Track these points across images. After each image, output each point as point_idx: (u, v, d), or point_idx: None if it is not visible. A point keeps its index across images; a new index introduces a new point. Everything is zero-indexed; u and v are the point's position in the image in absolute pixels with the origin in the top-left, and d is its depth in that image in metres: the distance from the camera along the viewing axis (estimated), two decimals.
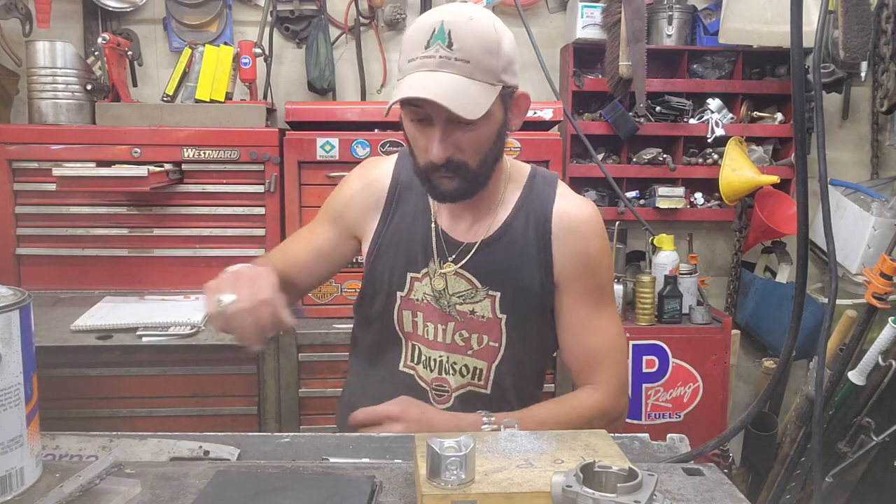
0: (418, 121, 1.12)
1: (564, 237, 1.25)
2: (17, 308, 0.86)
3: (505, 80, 1.12)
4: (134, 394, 2.03)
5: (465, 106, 1.05)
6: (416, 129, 1.14)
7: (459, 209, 1.26)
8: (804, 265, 0.92)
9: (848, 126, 2.88)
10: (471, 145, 1.13)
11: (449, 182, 1.15)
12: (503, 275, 1.24)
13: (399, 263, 1.27)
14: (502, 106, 1.14)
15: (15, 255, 2.25)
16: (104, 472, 0.90)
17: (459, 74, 1.06)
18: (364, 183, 1.32)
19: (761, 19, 2.44)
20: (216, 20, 2.65)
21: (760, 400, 1.03)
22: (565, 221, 1.25)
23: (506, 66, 1.11)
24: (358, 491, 0.86)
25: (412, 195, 1.29)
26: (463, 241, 1.25)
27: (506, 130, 1.19)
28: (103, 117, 2.28)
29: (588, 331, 1.25)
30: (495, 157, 1.19)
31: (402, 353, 1.30)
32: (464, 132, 1.11)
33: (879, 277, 1.83)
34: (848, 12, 2.13)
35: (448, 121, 1.09)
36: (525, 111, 1.22)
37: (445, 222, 1.27)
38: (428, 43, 1.07)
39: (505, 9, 2.70)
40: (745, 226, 2.74)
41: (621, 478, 0.76)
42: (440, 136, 1.09)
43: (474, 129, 1.11)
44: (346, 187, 1.35)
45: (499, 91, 1.10)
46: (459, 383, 1.28)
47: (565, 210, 1.27)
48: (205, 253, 2.29)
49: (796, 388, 2.59)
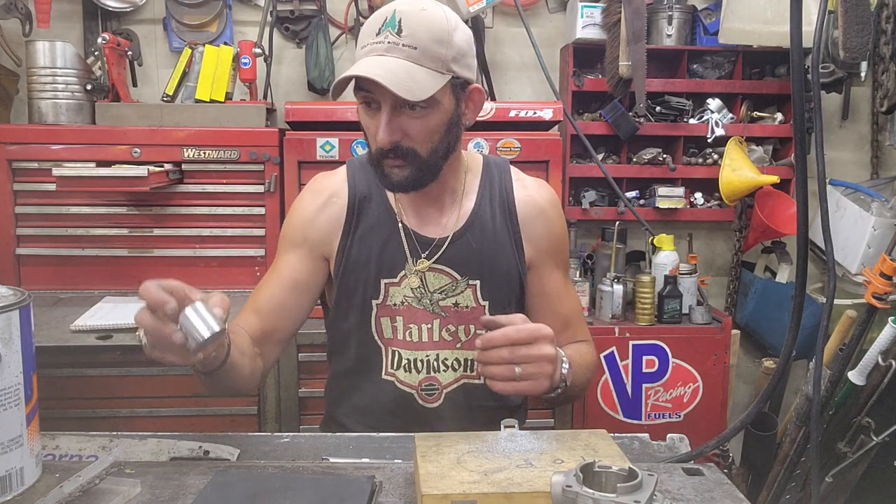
0: (367, 105, 1.13)
1: (532, 220, 1.30)
2: (17, 308, 0.86)
3: (455, 70, 1.12)
4: (134, 394, 2.03)
5: (407, 87, 1.06)
6: (367, 115, 1.15)
7: (424, 206, 1.27)
8: (804, 265, 0.92)
9: (848, 126, 2.88)
10: (419, 132, 1.13)
11: (399, 171, 1.15)
12: (480, 262, 1.27)
13: (371, 274, 1.26)
14: (453, 97, 1.15)
15: (15, 255, 2.25)
16: (104, 472, 0.90)
17: (406, 59, 1.08)
18: (322, 200, 1.29)
19: (761, 19, 2.44)
20: (216, 20, 2.65)
21: (760, 400, 1.03)
22: (530, 206, 1.31)
23: (456, 57, 1.12)
24: (358, 491, 0.86)
25: (372, 204, 1.28)
26: (434, 236, 1.26)
27: (459, 123, 1.19)
28: (103, 117, 2.28)
29: (561, 299, 1.34)
30: (447, 149, 1.19)
31: (383, 361, 1.28)
32: (411, 118, 1.12)
33: (879, 277, 1.83)
34: (848, 12, 2.13)
35: (395, 105, 1.10)
36: (480, 106, 1.23)
37: (413, 221, 1.27)
38: (379, 30, 1.10)
39: (505, 9, 2.71)
40: (745, 226, 2.74)
41: (621, 478, 0.76)
42: (386, 120, 1.10)
43: (422, 115, 1.12)
44: (301, 210, 1.31)
45: (448, 80, 1.11)
46: (452, 378, 1.28)
47: (528, 195, 1.32)
48: (205, 253, 2.29)
49: (796, 388, 2.59)
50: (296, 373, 2.14)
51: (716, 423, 2.40)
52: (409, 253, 1.26)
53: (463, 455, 0.90)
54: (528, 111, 2.35)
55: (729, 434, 1.07)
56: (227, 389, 1.14)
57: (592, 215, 2.67)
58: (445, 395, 1.28)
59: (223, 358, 1.03)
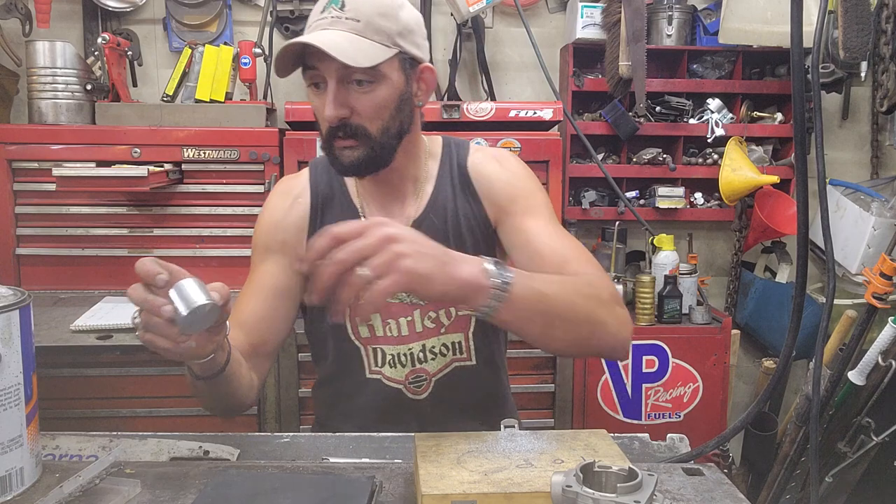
0: (316, 87, 1.12)
1: (485, 179, 1.26)
2: (17, 308, 0.86)
3: (402, 45, 1.11)
4: (134, 394, 2.03)
5: (349, 54, 1.04)
6: (314, 96, 1.13)
7: (386, 198, 1.25)
8: (804, 265, 0.92)
9: (848, 126, 2.88)
10: (367, 108, 1.11)
11: (350, 152, 1.12)
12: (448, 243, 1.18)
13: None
14: (403, 74, 1.13)
15: (15, 255, 2.25)
16: (104, 472, 0.90)
17: (348, 31, 1.07)
18: (289, 202, 1.28)
19: (761, 19, 2.44)
20: (216, 20, 2.65)
21: (760, 400, 1.03)
22: (482, 166, 1.27)
23: (402, 32, 1.11)
24: (358, 491, 0.86)
25: (335, 203, 1.26)
26: None
27: (411, 102, 1.17)
28: (103, 117, 2.28)
29: (543, 241, 1.18)
30: (400, 128, 1.16)
31: (364, 361, 1.26)
32: (358, 93, 1.10)
33: (879, 277, 1.83)
34: (848, 12, 2.13)
35: (340, 80, 1.08)
36: (432, 86, 1.20)
37: (376, 215, 1.24)
38: (324, 8, 1.10)
39: (505, 9, 2.71)
40: (744, 226, 2.74)
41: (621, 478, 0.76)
42: (332, 95, 1.08)
43: (369, 90, 1.10)
44: (270, 214, 1.28)
45: (394, 54, 1.10)
46: (442, 364, 1.26)
47: (479, 159, 1.28)
48: (205, 253, 2.29)
49: (796, 388, 2.59)
50: (296, 373, 2.14)
51: (716, 423, 2.40)
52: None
53: (463, 455, 0.90)
54: (528, 111, 2.35)
55: (729, 434, 1.07)
56: (224, 400, 1.11)
57: (592, 215, 2.67)
58: (434, 384, 1.26)
59: (224, 362, 1.01)
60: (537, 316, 0.96)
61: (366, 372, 1.27)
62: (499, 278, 0.90)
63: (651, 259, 2.48)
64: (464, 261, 0.90)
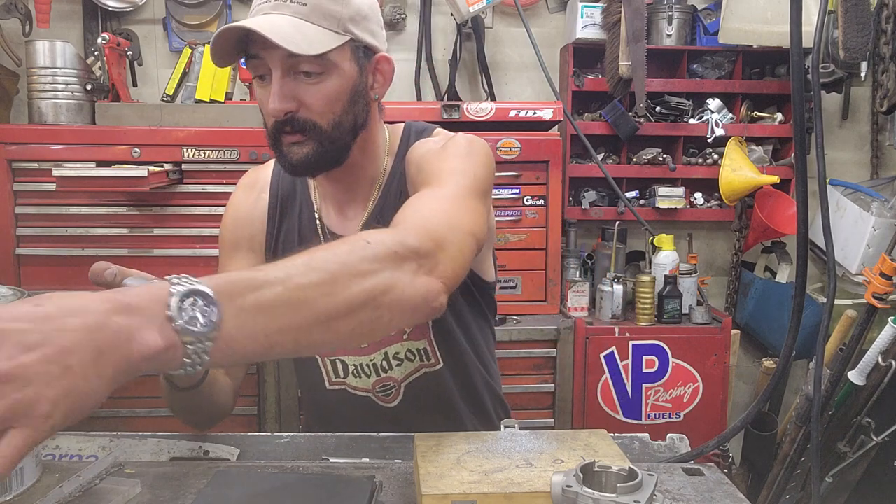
0: (262, 79, 1.03)
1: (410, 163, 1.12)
2: None
3: (354, 31, 1.02)
4: (134, 394, 2.03)
5: (293, 40, 0.95)
6: (259, 88, 1.04)
7: (343, 200, 1.16)
8: (804, 265, 0.92)
9: (848, 126, 2.88)
10: (315, 99, 1.01)
11: (299, 148, 1.03)
12: None
13: None
14: (356, 64, 1.04)
15: (15, 255, 2.25)
16: (104, 472, 0.90)
17: (293, 15, 0.98)
18: (253, 197, 1.22)
19: (761, 19, 2.44)
20: (216, 20, 2.66)
21: (760, 400, 1.03)
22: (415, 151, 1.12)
23: (355, 18, 1.02)
24: (358, 491, 0.86)
25: (295, 204, 1.19)
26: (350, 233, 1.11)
27: (366, 94, 1.07)
28: (103, 117, 2.28)
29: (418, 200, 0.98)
30: (354, 123, 1.06)
31: (322, 373, 1.20)
32: (306, 84, 1.00)
33: (879, 277, 1.83)
34: (848, 12, 2.13)
35: (286, 70, 0.99)
36: (389, 78, 1.10)
37: (332, 219, 1.17)
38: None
39: (505, 9, 2.71)
40: (744, 226, 2.74)
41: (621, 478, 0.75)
42: (277, 86, 0.99)
43: (317, 81, 1.01)
44: (235, 209, 1.22)
45: (345, 42, 1.01)
46: (410, 370, 1.18)
47: (419, 145, 1.13)
48: (205, 253, 2.29)
49: (796, 388, 2.59)
50: (296, 373, 2.14)
51: (716, 423, 2.40)
52: None
53: (463, 455, 0.90)
54: (527, 111, 2.35)
55: (729, 434, 1.07)
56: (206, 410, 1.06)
57: (592, 215, 2.67)
58: (404, 389, 1.19)
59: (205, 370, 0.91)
60: (278, 335, 0.67)
61: (326, 383, 1.21)
62: (191, 318, 0.60)
63: (651, 259, 2.48)
64: (134, 322, 0.58)
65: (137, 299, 0.58)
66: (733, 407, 2.70)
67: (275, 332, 0.66)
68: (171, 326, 0.59)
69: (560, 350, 2.31)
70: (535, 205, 2.36)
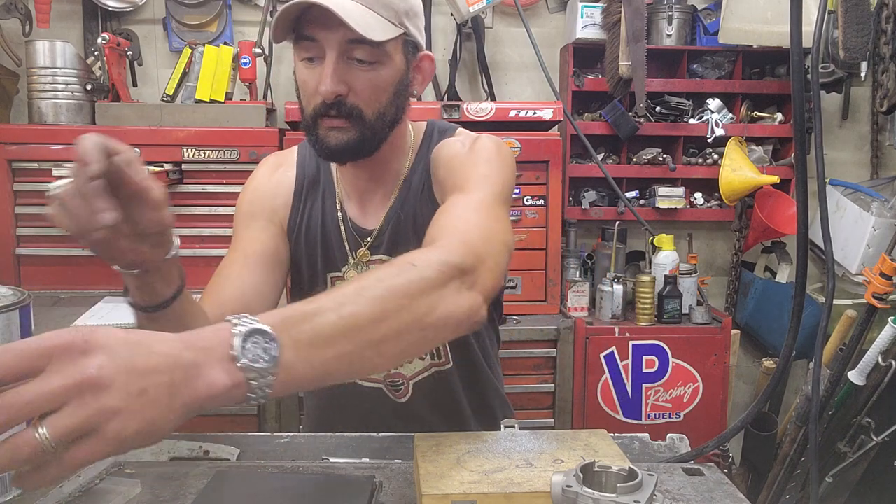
0: (309, 60, 1.02)
1: (436, 163, 1.13)
2: (17, 308, 0.86)
3: (408, 26, 1.03)
4: None
5: (361, 23, 0.95)
6: (306, 70, 1.03)
7: (367, 191, 1.17)
8: (804, 265, 0.92)
9: (848, 126, 2.88)
10: (366, 87, 1.01)
11: (338, 133, 1.03)
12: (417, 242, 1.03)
13: (317, 266, 1.17)
14: (404, 58, 1.06)
15: (15, 255, 2.26)
16: (104, 472, 0.91)
17: (358, 1, 0.97)
18: (273, 171, 1.21)
19: (761, 19, 2.44)
20: (216, 20, 2.65)
21: (760, 400, 1.03)
22: (441, 151, 1.14)
23: (409, 12, 1.04)
24: (358, 491, 0.86)
25: (318, 192, 1.19)
26: (371, 226, 1.16)
27: (408, 89, 1.09)
28: (103, 117, 2.28)
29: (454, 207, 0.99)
30: (395, 116, 1.07)
31: None
32: (359, 70, 1.01)
33: (879, 277, 1.83)
34: (848, 12, 2.13)
35: (341, 54, 0.99)
36: (429, 76, 1.13)
37: (354, 211, 1.18)
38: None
39: (505, 9, 2.71)
40: (744, 226, 2.74)
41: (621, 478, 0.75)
42: (332, 68, 0.98)
43: (371, 69, 1.01)
44: (257, 182, 1.21)
45: (400, 34, 1.02)
46: (419, 368, 1.20)
47: (445, 144, 1.14)
48: (205, 253, 2.29)
49: (796, 388, 2.59)
50: None
51: (716, 423, 2.40)
52: (348, 247, 1.16)
53: (463, 455, 0.90)
54: (528, 111, 2.35)
55: (729, 434, 1.07)
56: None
57: (592, 215, 2.67)
58: (413, 387, 1.20)
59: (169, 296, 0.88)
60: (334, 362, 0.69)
61: None
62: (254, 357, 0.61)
63: (651, 259, 2.48)
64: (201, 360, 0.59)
65: (203, 341, 0.61)
66: (733, 407, 2.70)
67: (331, 359, 0.68)
68: (235, 366, 0.61)
69: (560, 350, 2.31)
70: (535, 205, 2.36)
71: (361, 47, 0.99)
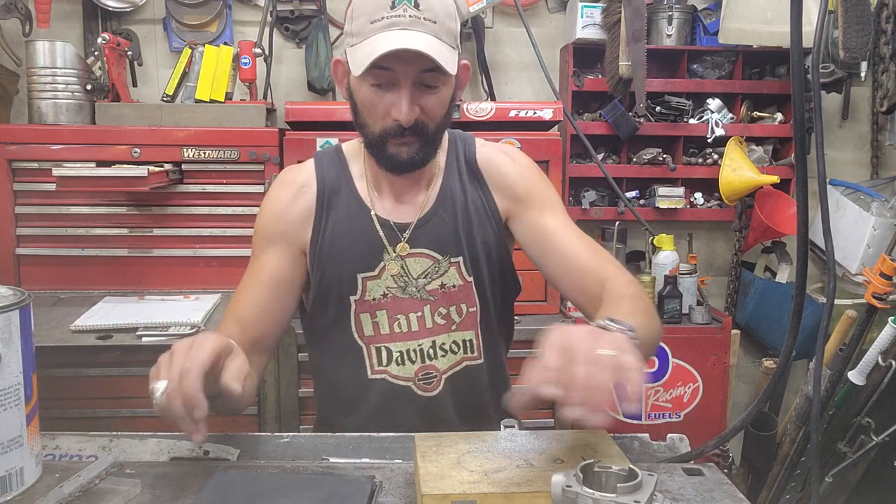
0: (377, 86, 1.10)
1: (496, 172, 1.27)
2: (17, 308, 0.86)
3: (458, 44, 1.14)
4: (134, 394, 2.03)
5: (440, 57, 1.05)
6: (374, 95, 1.11)
7: (399, 191, 1.24)
8: (804, 265, 0.92)
9: (848, 126, 2.88)
10: (434, 108, 1.13)
11: (408, 148, 1.14)
12: (458, 237, 1.23)
13: (345, 268, 1.22)
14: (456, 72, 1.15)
15: (15, 255, 2.25)
16: (104, 472, 0.91)
17: (430, 34, 1.06)
18: (292, 192, 1.26)
19: (761, 19, 2.44)
20: (216, 20, 2.65)
21: (760, 400, 1.03)
22: (492, 159, 1.28)
23: (459, 32, 1.14)
24: (358, 491, 0.86)
25: (341, 198, 1.25)
26: (409, 220, 1.23)
27: (456, 98, 1.19)
28: (103, 117, 2.28)
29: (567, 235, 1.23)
30: (447, 125, 1.19)
31: (365, 362, 1.24)
32: (428, 94, 1.11)
33: (879, 277, 1.83)
34: (848, 12, 2.13)
35: (415, 83, 1.09)
36: (466, 82, 1.24)
37: (387, 209, 1.24)
38: (393, 4, 1.06)
39: (505, 9, 2.71)
40: (745, 226, 2.74)
41: (621, 478, 0.76)
42: (410, 98, 1.08)
43: (437, 91, 1.11)
44: (273, 204, 1.26)
45: (457, 55, 1.12)
46: (452, 362, 1.24)
47: (488, 152, 1.29)
48: (205, 253, 2.29)
49: (796, 388, 2.59)
50: (296, 373, 2.14)
51: (716, 423, 2.40)
52: (386, 241, 1.22)
53: (463, 455, 0.90)
54: (528, 111, 2.35)
55: (729, 434, 1.07)
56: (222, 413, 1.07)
57: (592, 215, 2.67)
58: (445, 381, 1.24)
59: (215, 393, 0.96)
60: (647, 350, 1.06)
61: (368, 372, 1.24)
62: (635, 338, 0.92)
63: (651, 259, 2.48)
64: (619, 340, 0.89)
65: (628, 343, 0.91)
66: (733, 407, 2.70)
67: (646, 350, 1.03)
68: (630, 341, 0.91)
69: None
70: None
71: (432, 74, 1.08)
